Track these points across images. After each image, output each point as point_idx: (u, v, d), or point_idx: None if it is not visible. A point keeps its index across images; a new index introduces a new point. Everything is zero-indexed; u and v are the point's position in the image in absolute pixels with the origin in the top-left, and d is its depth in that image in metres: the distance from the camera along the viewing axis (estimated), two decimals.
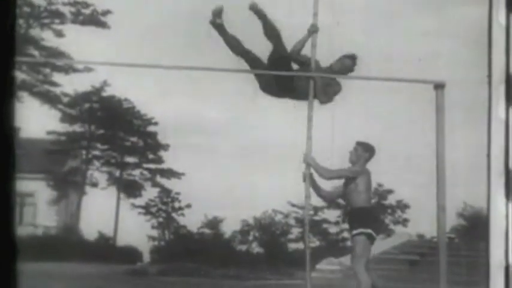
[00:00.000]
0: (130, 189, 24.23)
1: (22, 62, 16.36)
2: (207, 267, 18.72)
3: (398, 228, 24.37)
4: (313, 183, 6.89)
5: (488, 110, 5.09)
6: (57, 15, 22.56)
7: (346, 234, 22.15)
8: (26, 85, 22.22)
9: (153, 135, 24.26)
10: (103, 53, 18.69)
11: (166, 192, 24.16)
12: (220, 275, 18.11)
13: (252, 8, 6.89)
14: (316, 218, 23.32)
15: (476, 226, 22.03)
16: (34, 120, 20.91)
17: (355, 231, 6.83)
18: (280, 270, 20.05)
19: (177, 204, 24.07)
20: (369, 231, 6.81)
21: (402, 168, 19.32)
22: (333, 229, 24.31)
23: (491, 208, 5.01)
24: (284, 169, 19.89)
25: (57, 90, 23.17)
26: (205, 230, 24.08)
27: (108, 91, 23.49)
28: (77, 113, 23.83)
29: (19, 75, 21.86)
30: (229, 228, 24.19)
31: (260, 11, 6.88)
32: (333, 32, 7.07)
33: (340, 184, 7.07)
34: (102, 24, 22.63)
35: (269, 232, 24.39)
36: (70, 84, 23.02)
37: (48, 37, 22.51)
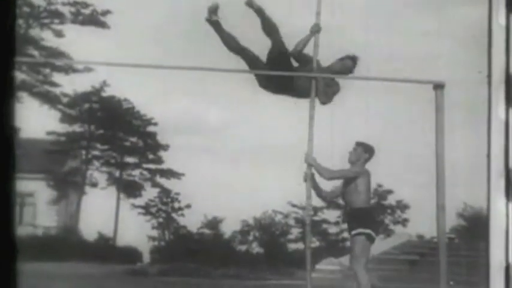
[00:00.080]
0: (130, 189, 24.21)
1: (22, 62, 16.35)
2: (207, 268, 18.72)
3: (398, 228, 24.37)
4: (313, 183, 6.89)
5: (488, 110, 5.09)
6: (57, 15, 22.54)
7: (346, 234, 22.08)
8: (25, 85, 22.20)
9: (153, 135, 24.25)
10: (103, 53, 18.69)
11: (166, 192, 24.14)
12: (220, 275, 18.11)
13: (248, 3, 6.85)
14: (316, 218, 23.30)
15: (476, 226, 22.02)
16: (34, 120, 20.89)
17: (355, 232, 6.83)
18: (280, 270, 20.05)
19: (176, 205, 24.06)
20: (368, 231, 6.81)
21: (402, 169, 19.32)
22: (332, 229, 24.31)
23: (491, 208, 5.02)
24: (284, 169, 19.89)
25: (57, 90, 23.16)
26: (205, 230, 24.06)
27: (107, 91, 23.48)
28: (76, 113, 23.81)
29: (19, 76, 21.84)
30: (229, 228, 24.18)
31: (257, 6, 6.84)
32: (332, 31, 7.07)
33: (339, 184, 7.06)
34: (102, 24, 22.62)
35: (269, 232, 24.38)
36: (70, 84, 23.01)
37: (47, 37, 22.51)
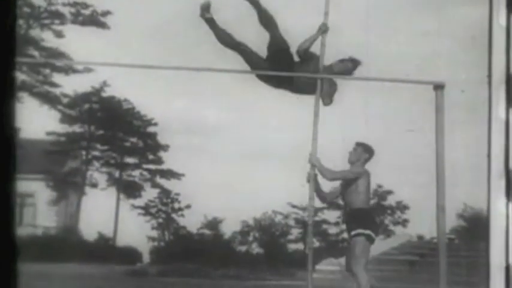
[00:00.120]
0: (130, 189, 24.21)
1: (22, 62, 16.35)
2: (207, 268, 18.72)
3: (398, 229, 24.37)
4: (316, 184, 6.88)
5: (489, 110, 5.09)
6: (57, 16, 22.54)
7: (346, 235, 22.11)
8: (25, 86, 22.20)
9: (153, 135, 24.25)
10: (103, 54, 18.69)
11: (166, 192, 24.14)
12: (220, 276, 18.11)
13: None
14: (316, 218, 23.29)
15: (476, 227, 22.01)
16: (34, 120, 20.89)
17: (354, 232, 6.82)
18: (280, 270, 20.06)
19: (176, 205, 24.06)
20: (368, 232, 6.80)
21: (402, 169, 19.31)
22: (332, 230, 24.31)
23: (492, 208, 5.01)
24: (284, 170, 19.90)
25: (57, 90, 23.17)
26: (205, 230, 24.06)
27: (107, 92, 23.48)
28: (76, 114, 23.82)
29: (19, 76, 21.84)
30: (229, 229, 24.18)
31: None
32: (332, 31, 7.05)
33: (338, 185, 7.06)
34: (102, 25, 22.62)
35: (269, 233, 24.38)
36: (70, 84, 23.02)
37: (48, 38, 22.51)
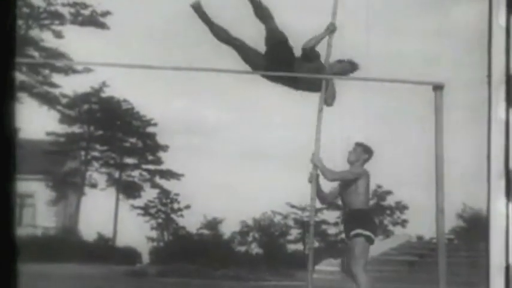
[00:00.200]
0: (129, 190, 24.22)
1: (22, 63, 16.35)
2: (206, 268, 18.72)
3: (397, 229, 24.41)
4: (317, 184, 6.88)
5: (488, 110, 5.09)
6: (57, 16, 22.55)
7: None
8: (25, 86, 22.21)
9: (152, 136, 24.27)
10: (102, 54, 18.73)
11: (165, 193, 24.16)
12: (219, 276, 18.11)
13: None
14: (315, 219, 23.32)
15: (475, 227, 22.04)
16: (33, 121, 20.90)
17: (354, 233, 6.81)
18: (279, 271, 20.07)
19: (176, 205, 24.08)
20: (368, 233, 6.80)
21: (401, 170, 19.33)
22: (332, 230, 24.33)
23: (491, 209, 5.01)
24: (283, 170, 19.93)
25: (57, 91, 23.19)
26: (205, 231, 24.09)
27: (107, 92, 23.52)
28: (76, 114, 23.84)
29: (19, 76, 21.84)
30: (229, 229, 24.22)
31: None
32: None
33: (337, 185, 7.06)
34: (102, 25, 22.63)
35: (268, 233, 24.40)
36: (69, 85, 23.04)
37: (47, 38, 22.53)
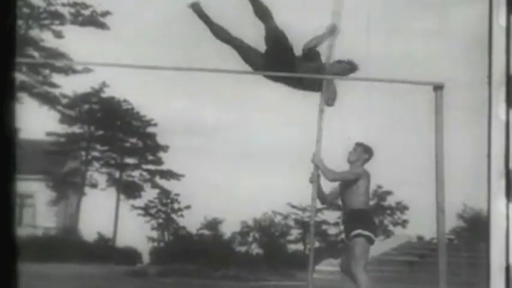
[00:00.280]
0: (129, 190, 24.22)
1: (22, 63, 16.35)
2: (206, 268, 18.73)
3: (397, 229, 24.41)
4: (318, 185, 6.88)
5: (489, 110, 5.09)
6: (57, 16, 22.55)
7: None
8: (25, 86, 22.21)
9: (153, 136, 24.27)
10: (102, 54, 18.71)
11: (165, 193, 24.16)
12: (219, 276, 18.12)
13: None
14: (315, 219, 23.32)
15: (475, 227, 22.04)
16: (34, 121, 20.90)
17: (354, 233, 6.80)
18: (279, 271, 20.07)
19: (176, 206, 24.07)
20: (368, 233, 6.79)
21: (402, 170, 19.33)
22: (332, 230, 24.33)
23: (492, 209, 5.01)
24: (284, 171, 19.93)
25: (57, 91, 23.19)
26: (205, 231, 24.09)
27: (107, 92, 23.51)
28: (76, 114, 23.84)
29: (19, 77, 21.84)
30: (229, 229, 24.22)
31: None
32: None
33: (337, 186, 7.05)
34: (102, 25, 22.63)
35: (269, 233, 24.40)
36: (69, 85, 23.04)
37: (47, 38, 22.53)
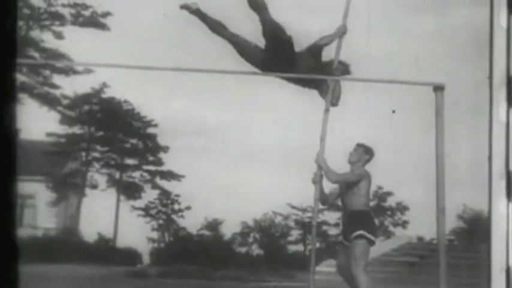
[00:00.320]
0: (130, 191, 24.20)
1: (22, 64, 16.35)
2: (206, 269, 18.72)
3: (398, 230, 24.37)
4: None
5: (489, 111, 5.10)
6: (57, 17, 22.54)
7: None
8: (26, 87, 22.19)
9: (153, 137, 24.25)
10: (103, 55, 18.68)
11: (166, 194, 24.13)
12: (220, 277, 18.11)
13: None
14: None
15: (475, 228, 22.02)
16: (34, 122, 20.89)
17: (355, 234, 6.81)
18: (280, 272, 20.05)
19: (176, 206, 24.05)
20: (369, 234, 6.80)
21: (402, 170, 19.31)
22: (332, 231, 24.30)
23: (492, 210, 5.01)
24: (284, 171, 19.91)
25: (57, 92, 23.17)
26: (205, 232, 24.06)
27: (107, 93, 23.49)
28: (76, 115, 23.82)
29: (19, 77, 21.83)
30: (229, 230, 24.18)
31: None
32: (332, 31, 7.04)
33: (337, 186, 7.05)
34: (102, 26, 22.61)
35: (269, 234, 24.37)
36: (70, 86, 23.02)
37: (48, 39, 22.51)
